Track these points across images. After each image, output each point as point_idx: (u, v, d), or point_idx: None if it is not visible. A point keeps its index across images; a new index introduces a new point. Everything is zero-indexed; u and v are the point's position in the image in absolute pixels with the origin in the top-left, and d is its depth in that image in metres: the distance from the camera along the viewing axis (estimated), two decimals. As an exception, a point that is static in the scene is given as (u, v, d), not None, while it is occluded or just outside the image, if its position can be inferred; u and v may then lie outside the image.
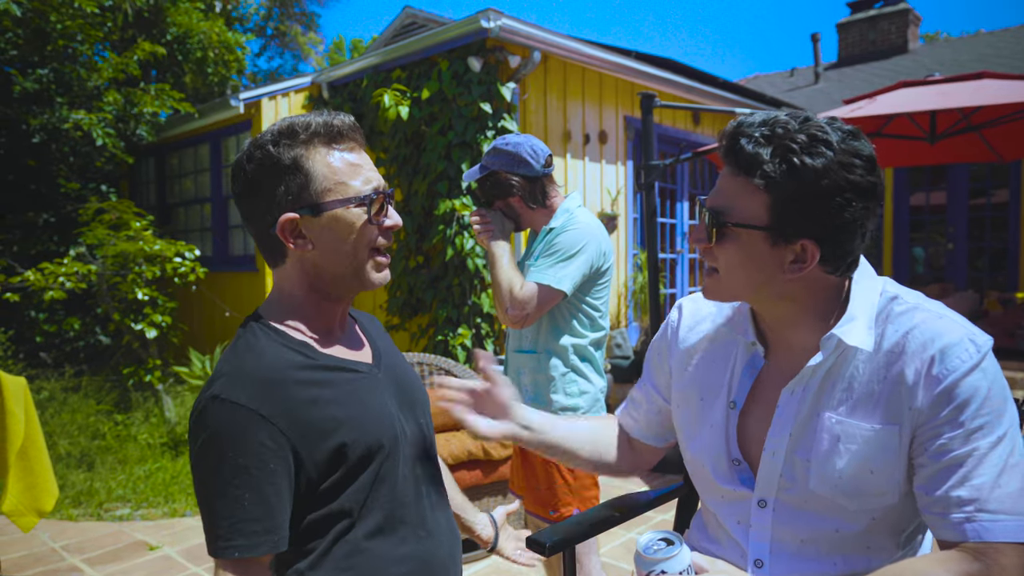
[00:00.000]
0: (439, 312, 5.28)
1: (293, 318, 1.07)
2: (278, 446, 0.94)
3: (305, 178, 1.01)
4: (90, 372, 6.05)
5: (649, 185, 4.16)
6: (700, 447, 1.15)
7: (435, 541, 1.10)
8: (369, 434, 1.02)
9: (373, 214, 1.05)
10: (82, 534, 3.50)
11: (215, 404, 0.94)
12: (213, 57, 9.18)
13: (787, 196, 0.95)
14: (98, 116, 6.60)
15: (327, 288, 1.07)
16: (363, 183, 1.05)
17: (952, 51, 10.90)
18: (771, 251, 0.99)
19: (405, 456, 1.08)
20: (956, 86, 4.09)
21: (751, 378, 1.11)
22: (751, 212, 0.98)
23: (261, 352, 1.00)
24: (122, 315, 5.49)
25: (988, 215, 8.62)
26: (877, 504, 0.99)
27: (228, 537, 0.92)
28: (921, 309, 1.01)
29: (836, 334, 0.99)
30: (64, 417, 4.90)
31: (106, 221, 5.67)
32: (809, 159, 0.93)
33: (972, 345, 0.95)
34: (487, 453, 3.02)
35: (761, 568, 1.07)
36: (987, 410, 0.93)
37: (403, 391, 1.15)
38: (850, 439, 0.99)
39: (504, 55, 5.13)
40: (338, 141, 1.05)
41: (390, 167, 5.80)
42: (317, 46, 20.16)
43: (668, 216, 7.13)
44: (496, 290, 1.97)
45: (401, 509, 1.05)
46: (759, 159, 0.95)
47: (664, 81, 6.35)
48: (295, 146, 1.02)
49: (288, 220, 1.01)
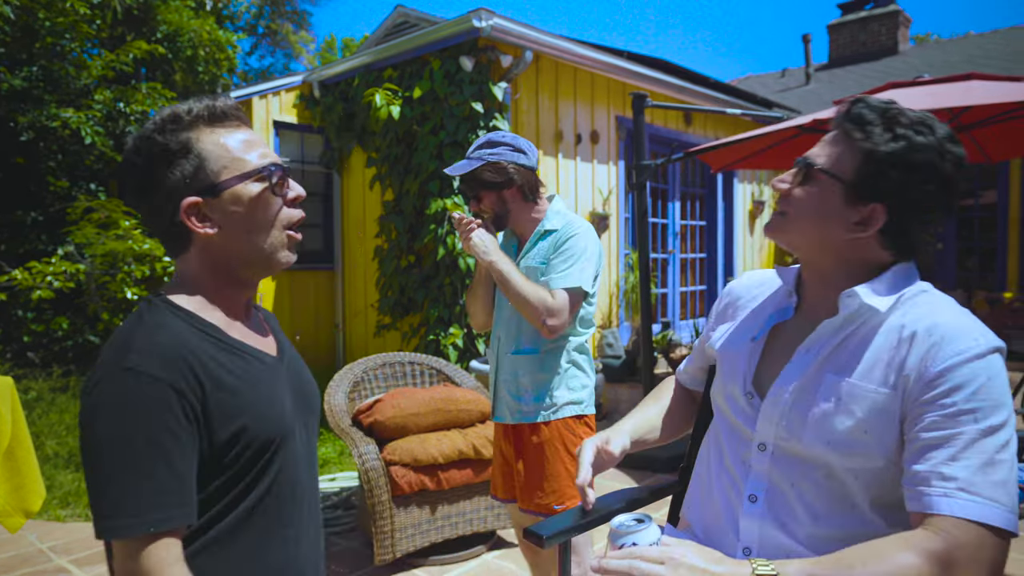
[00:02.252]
0: (430, 312, 5.27)
1: (197, 301, 1.04)
2: (190, 422, 0.92)
3: (198, 159, 1.00)
4: (78, 372, 6.00)
5: (640, 185, 4.17)
6: (729, 378, 1.22)
7: (300, 547, 1.08)
8: (266, 426, 1.01)
9: (274, 185, 1.03)
10: (70, 535, 3.47)
11: (129, 376, 0.90)
12: (204, 55, 9.13)
13: (878, 158, 1.03)
14: (87, 114, 6.56)
15: (235, 271, 1.06)
16: (259, 157, 1.04)
17: (942, 52, 10.98)
18: (842, 207, 1.06)
19: (290, 456, 1.06)
20: (945, 87, 4.12)
21: (777, 319, 1.20)
22: (840, 164, 1.07)
23: (171, 329, 0.97)
24: (111, 315, 5.45)
25: (977, 215, 8.69)
26: (864, 465, 1.03)
27: (139, 512, 0.86)
28: (946, 301, 1.07)
29: (857, 291, 1.05)
30: (52, 417, 4.86)
31: (95, 220, 5.64)
32: (912, 133, 1.02)
33: (982, 338, 0.99)
34: (478, 452, 3.02)
35: (755, 503, 1.12)
36: (982, 398, 0.95)
37: (299, 390, 1.14)
38: (851, 399, 1.03)
39: (496, 55, 5.12)
40: (223, 121, 1.03)
41: (381, 166, 5.79)
42: (309, 45, 20.10)
43: (659, 216, 7.14)
44: (524, 306, 1.94)
45: (276, 507, 1.04)
46: (867, 119, 1.05)
47: (656, 81, 6.37)
48: (181, 130, 1.00)
49: (190, 204, 1.00)
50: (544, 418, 2.04)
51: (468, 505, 3.07)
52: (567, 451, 2.02)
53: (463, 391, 3.26)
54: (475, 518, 3.09)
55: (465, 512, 3.06)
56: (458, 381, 3.51)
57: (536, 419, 2.04)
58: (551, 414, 2.04)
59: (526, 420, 2.06)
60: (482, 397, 3.27)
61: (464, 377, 3.55)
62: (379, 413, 2.99)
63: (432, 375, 3.56)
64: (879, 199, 1.04)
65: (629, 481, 4.13)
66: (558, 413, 2.05)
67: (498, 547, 3.19)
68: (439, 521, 2.98)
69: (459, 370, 3.61)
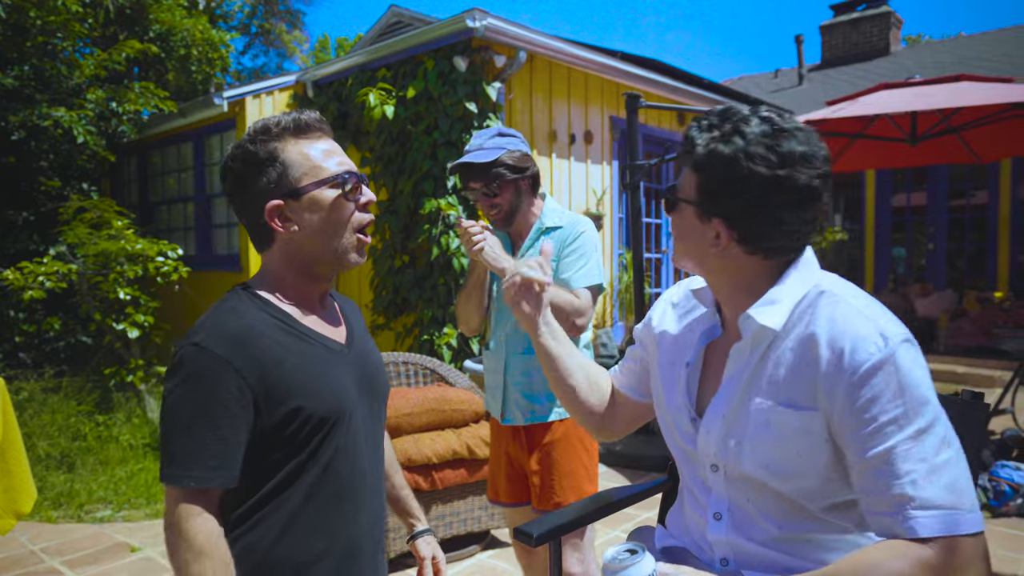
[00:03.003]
0: (424, 312, 5.27)
1: (277, 291, 1.18)
2: (242, 395, 1.05)
3: (282, 167, 1.14)
4: (71, 372, 5.97)
5: (634, 185, 4.18)
6: (671, 405, 1.22)
7: (360, 522, 1.19)
8: (323, 405, 1.11)
9: (348, 191, 1.15)
10: (62, 536, 3.46)
11: (194, 350, 1.05)
12: (197, 55, 9.10)
13: (708, 177, 1.05)
14: (79, 113, 6.52)
15: (309, 267, 1.18)
16: (336, 165, 1.17)
17: (933, 53, 11.04)
18: (699, 226, 1.09)
19: (351, 436, 1.17)
20: (936, 88, 4.15)
21: (704, 341, 1.20)
22: (688, 188, 1.10)
23: (242, 314, 1.11)
24: (103, 315, 5.43)
25: (968, 216, 8.74)
26: (803, 484, 1.03)
27: (186, 468, 1.01)
28: (844, 302, 1.03)
29: (751, 313, 1.05)
30: (44, 418, 4.84)
31: (87, 220, 5.61)
32: (722, 146, 1.03)
33: (880, 339, 0.96)
34: (472, 452, 3.02)
35: (720, 520, 1.13)
36: (899, 403, 0.94)
37: (366, 376, 1.24)
38: (778, 424, 1.03)
39: (490, 55, 5.12)
40: (307, 133, 1.17)
41: (375, 166, 5.78)
42: (302, 44, 20.06)
43: (653, 216, 7.16)
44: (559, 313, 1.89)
45: (336, 483, 1.14)
46: (693, 142, 1.07)
47: (649, 82, 6.38)
48: (270, 141, 1.14)
49: (274, 207, 1.13)
50: (558, 415, 2.03)
51: (462, 505, 3.07)
52: (583, 447, 2.03)
53: (457, 391, 3.26)
54: (469, 518, 3.09)
55: (459, 512, 3.06)
56: (452, 381, 3.51)
57: (549, 418, 2.03)
58: (565, 413, 2.03)
59: (539, 420, 2.03)
60: (476, 397, 3.27)
61: (458, 377, 3.55)
62: (373, 413, 2.99)
63: (426, 375, 3.56)
64: (717, 215, 1.06)
65: (621, 479, 4.14)
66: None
67: (492, 547, 3.19)
68: (433, 521, 2.98)
69: (453, 370, 3.61)
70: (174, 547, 1.01)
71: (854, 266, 9.33)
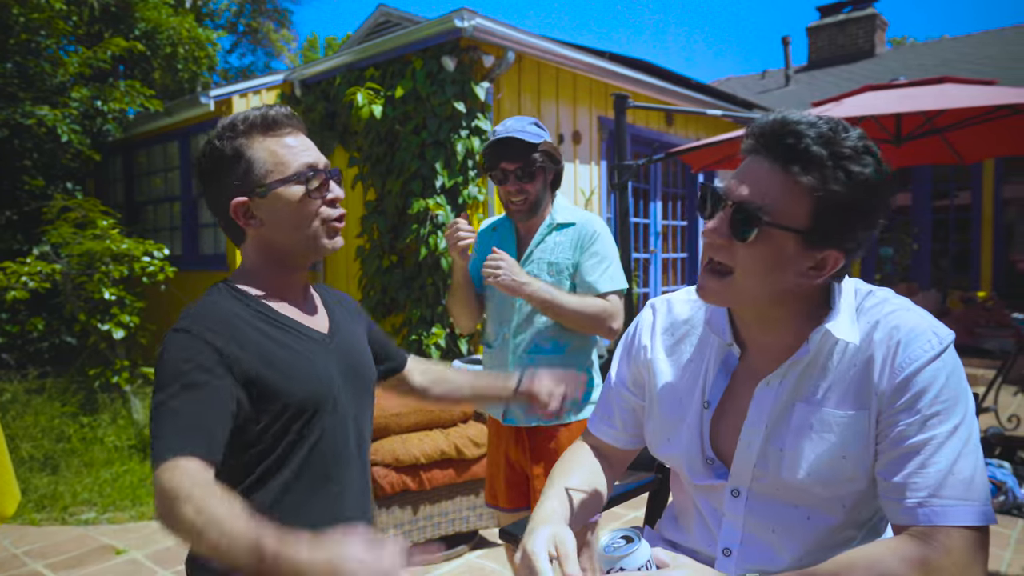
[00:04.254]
0: (412, 312, 5.26)
1: (255, 284, 1.20)
2: (224, 374, 1.05)
3: (248, 164, 1.14)
4: (55, 374, 5.91)
5: (622, 185, 4.19)
6: (677, 447, 1.14)
7: (345, 502, 1.21)
8: (304, 390, 1.13)
9: (313, 189, 1.15)
10: (45, 539, 3.43)
11: (176, 335, 1.07)
12: (183, 53, 9.03)
13: (835, 203, 0.92)
14: (63, 112, 6.46)
15: (283, 259, 1.20)
16: (300, 163, 1.16)
17: (917, 55, 11.15)
18: (796, 256, 0.95)
19: (335, 422, 1.18)
20: (920, 90, 4.18)
21: (725, 378, 1.11)
22: (792, 212, 0.93)
23: (222, 305, 1.14)
24: (88, 315, 5.37)
25: (951, 216, 8.83)
26: (848, 490, 1.01)
27: (168, 442, 0.98)
28: (890, 302, 1.04)
29: (829, 328, 1.00)
30: (27, 420, 4.78)
31: (72, 219, 5.55)
32: (860, 168, 0.91)
33: (935, 337, 0.98)
34: (460, 452, 3.02)
35: (728, 557, 1.08)
36: (944, 398, 0.96)
37: (350, 365, 1.25)
38: (824, 427, 1.01)
39: (478, 55, 5.12)
40: (274, 129, 1.16)
41: (363, 166, 5.76)
42: (290, 43, 19.95)
43: (641, 216, 7.18)
44: (586, 320, 1.93)
45: (322, 466, 1.16)
46: (817, 159, 0.91)
47: (637, 82, 6.40)
48: (236, 137, 1.15)
49: (238, 203, 1.15)
50: (562, 420, 1.98)
51: (450, 505, 3.07)
52: None
53: (445, 391, 3.26)
54: (457, 518, 3.09)
55: (447, 512, 3.06)
56: (440, 381, 3.51)
57: (554, 421, 1.97)
58: (572, 416, 2.00)
59: (544, 423, 1.99)
60: (464, 397, 3.27)
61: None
62: (361, 413, 2.99)
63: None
64: (835, 245, 0.95)
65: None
66: (579, 415, 2.01)
67: (481, 547, 3.19)
68: (421, 521, 2.98)
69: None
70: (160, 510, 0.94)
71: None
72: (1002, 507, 3.51)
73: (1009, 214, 8.47)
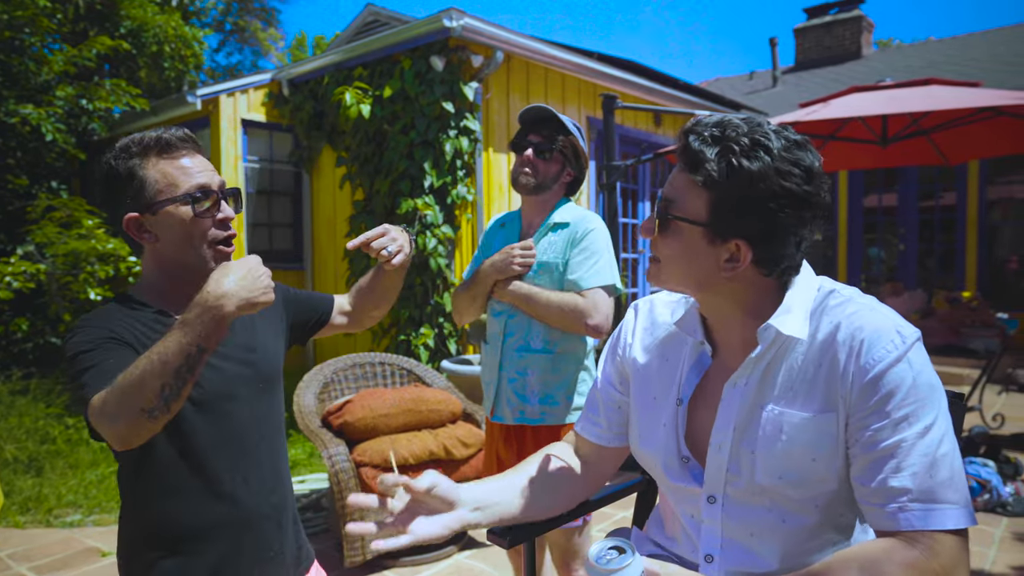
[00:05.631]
0: (401, 312, 5.25)
1: (153, 295, 1.28)
2: (126, 345, 1.15)
3: (140, 184, 1.21)
4: (39, 374, 5.85)
5: (611, 185, 4.20)
6: (654, 446, 1.16)
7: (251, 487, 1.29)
8: (197, 385, 1.19)
9: (201, 209, 1.22)
10: (30, 541, 3.39)
11: (72, 333, 1.17)
12: (169, 52, 8.97)
13: (724, 196, 0.98)
14: (48, 111, 6.40)
15: (178, 272, 1.27)
16: (191, 184, 1.23)
17: (903, 57, 11.25)
18: (708, 248, 1.02)
19: (234, 413, 1.27)
20: (906, 91, 4.22)
21: (697, 376, 1.13)
22: (693, 208, 1.02)
23: (115, 309, 1.23)
24: (74, 316, 5.33)
25: (937, 217, 8.92)
26: (819, 490, 1.01)
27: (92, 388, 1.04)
28: (854, 302, 1.04)
29: (772, 324, 1.01)
30: (11, 421, 4.73)
31: (56, 219, 5.50)
32: (747, 162, 0.96)
33: (898, 336, 0.98)
34: (448, 452, 3.02)
35: (711, 563, 1.09)
36: (912, 399, 0.95)
37: (247, 362, 1.32)
38: (792, 428, 1.01)
39: (467, 54, 5.12)
40: (169, 151, 1.23)
41: (351, 165, 5.74)
42: (278, 42, 19.86)
43: (630, 216, 7.20)
44: (559, 318, 1.91)
45: (226, 454, 1.25)
46: (702, 157, 0.99)
47: (626, 83, 6.42)
48: (130, 159, 1.22)
49: (130, 219, 1.22)
50: (548, 422, 1.97)
51: (439, 505, 3.06)
52: None
53: (433, 391, 3.25)
54: (446, 518, 3.08)
55: (436, 512, 3.05)
56: (428, 381, 3.50)
57: (539, 422, 1.97)
58: (556, 419, 1.98)
59: (528, 422, 1.98)
60: (453, 397, 3.27)
61: (435, 377, 3.54)
62: (349, 414, 2.97)
63: (403, 375, 3.55)
64: (738, 236, 1.00)
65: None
66: (563, 418, 1.98)
67: (470, 547, 3.19)
68: (410, 522, 2.97)
69: (430, 370, 3.60)
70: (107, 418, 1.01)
71: (828, 266, 9.46)
72: (986, 505, 3.55)
73: (993, 215, 8.56)
